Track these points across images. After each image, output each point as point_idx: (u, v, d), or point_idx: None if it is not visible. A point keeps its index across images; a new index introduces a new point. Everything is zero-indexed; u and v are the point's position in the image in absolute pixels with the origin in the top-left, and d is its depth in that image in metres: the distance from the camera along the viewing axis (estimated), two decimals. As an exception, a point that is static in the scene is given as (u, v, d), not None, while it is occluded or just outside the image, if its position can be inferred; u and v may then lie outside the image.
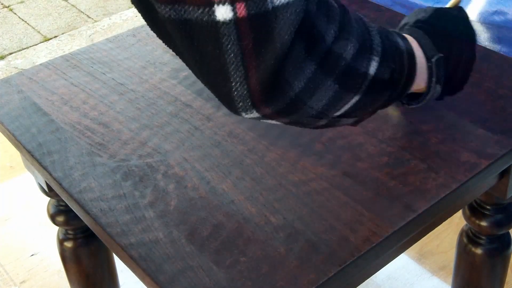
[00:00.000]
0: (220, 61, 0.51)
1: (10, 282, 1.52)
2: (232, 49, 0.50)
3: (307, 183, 0.75)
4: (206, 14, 0.49)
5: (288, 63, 0.52)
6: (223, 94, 0.54)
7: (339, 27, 0.54)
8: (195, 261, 0.67)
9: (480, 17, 1.25)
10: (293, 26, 0.50)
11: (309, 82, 0.54)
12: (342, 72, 0.55)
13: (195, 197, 0.75)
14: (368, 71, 0.58)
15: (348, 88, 0.57)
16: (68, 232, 1.06)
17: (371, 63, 0.58)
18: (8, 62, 2.50)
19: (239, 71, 0.51)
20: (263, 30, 0.50)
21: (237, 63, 0.51)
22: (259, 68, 0.51)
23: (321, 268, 0.65)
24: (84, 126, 0.87)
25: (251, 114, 0.55)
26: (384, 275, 1.46)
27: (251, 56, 0.51)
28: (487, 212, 0.95)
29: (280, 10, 0.49)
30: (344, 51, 0.54)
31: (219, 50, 0.51)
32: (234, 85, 0.53)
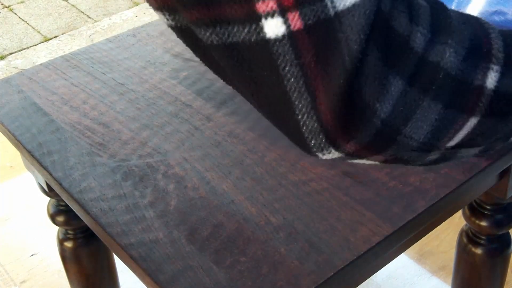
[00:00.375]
0: (279, 89, 0.41)
1: (10, 282, 1.52)
2: (292, 72, 0.40)
3: (307, 183, 0.75)
4: (254, 33, 0.40)
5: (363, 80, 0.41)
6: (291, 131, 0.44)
7: (430, 29, 0.42)
8: (195, 261, 0.67)
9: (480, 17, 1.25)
10: (363, 32, 0.40)
11: (398, 104, 0.42)
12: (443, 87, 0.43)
13: (195, 197, 0.75)
14: (485, 84, 0.44)
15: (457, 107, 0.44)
16: (68, 232, 1.06)
17: (488, 73, 0.44)
18: (8, 62, 2.50)
19: (303, 98, 0.41)
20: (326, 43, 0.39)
21: (299, 88, 0.41)
22: (328, 91, 0.41)
23: (321, 268, 0.65)
24: (84, 126, 0.87)
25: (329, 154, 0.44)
26: (384, 275, 1.46)
27: (316, 76, 0.40)
28: (487, 212, 0.95)
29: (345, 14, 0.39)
30: (442, 59, 0.42)
31: (276, 76, 0.41)
32: (301, 118, 0.42)
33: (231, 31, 0.40)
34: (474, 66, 0.44)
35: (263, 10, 0.39)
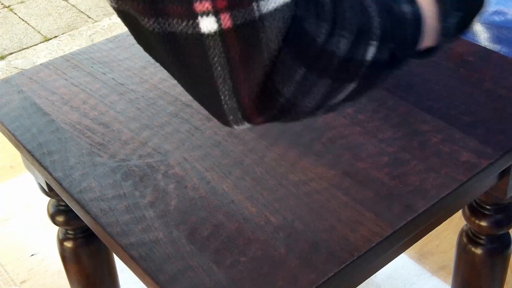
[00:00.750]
0: (207, 74, 0.50)
1: (10, 282, 1.52)
2: (219, 62, 0.49)
3: (307, 183, 0.75)
4: (191, 27, 0.47)
5: (275, 71, 0.49)
6: (213, 108, 0.53)
7: (331, 24, 0.51)
8: (195, 261, 0.67)
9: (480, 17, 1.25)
10: (280, 34, 0.48)
11: (299, 86, 0.51)
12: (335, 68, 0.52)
13: (195, 197, 0.75)
14: (364, 58, 0.54)
15: (342, 80, 0.54)
16: (68, 232, 1.06)
17: (368, 49, 0.54)
18: (8, 62, 2.50)
19: (227, 84, 0.50)
20: (250, 41, 0.48)
21: (224, 76, 0.49)
22: (248, 80, 0.49)
23: (321, 268, 0.65)
24: (84, 126, 0.87)
25: (242, 126, 0.54)
26: (384, 275, 1.46)
27: (239, 69, 0.49)
28: (487, 212, 0.95)
29: (268, 18, 0.47)
30: (337, 48, 0.51)
31: (206, 64, 0.49)
32: (223, 98, 0.51)
33: (171, 23, 0.47)
34: (359, 47, 0.52)
35: (200, 10, 0.46)
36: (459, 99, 0.87)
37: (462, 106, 0.86)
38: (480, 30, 1.27)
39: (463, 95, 0.88)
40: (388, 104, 0.87)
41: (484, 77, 0.92)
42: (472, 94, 0.88)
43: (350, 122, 0.85)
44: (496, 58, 0.97)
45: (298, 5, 0.49)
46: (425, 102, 0.87)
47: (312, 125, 0.84)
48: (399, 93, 0.88)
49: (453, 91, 0.89)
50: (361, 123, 0.84)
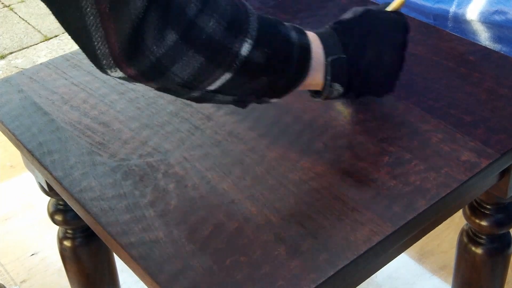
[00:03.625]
0: (82, 22, 0.57)
1: (11, 281, 1.52)
2: (91, 12, 0.56)
3: (308, 182, 0.75)
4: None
5: (145, 28, 0.57)
6: (89, 52, 0.60)
7: (202, 2, 0.59)
8: (195, 261, 0.67)
9: (481, 16, 1.25)
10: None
11: (169, 50, 0.59)
12: (206, 46, 0.60)
13: (195, 196, 0.75)
14: (239, 51, 0.62)
15: (215, 63, 0.62)
16: (68, 232, 1.06)
17: (243, 44, 0.62)
18: (9, 61, 2.50)
19: (99, 31, 0.57)
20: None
21: (96, 25, 0.57)
22: (117, 30, 0.57)
23: (321, 268, 0.65)
24: (85, 125, 0.87)
25: (115, 72, 0.61)
26: (384, 275, 1.46)
27: (109, 19, 0.56)
28: (487, 212, 0.95)
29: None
30: (206, 25, 0.59)
31: (80, 13, 0.57)
32: (97, 44, 0.58)
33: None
34: (234, 37, 0.62)
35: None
36: (460, 99, 0.87)
37: (463, 105, 0.86)
38: (481, 30, 1.27)
39: (463, 94, 0.88)
40: (389, 103, 0.87)
41: (485, 76, 0.91)
42: (472, 94, 0.88)
43: (350, 121, 0.84)
44: (497, 57, 0.96)
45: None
46: (426, 101, 0.87)
47: (312, 124, 0.84)
48: (399, 92, 0.87)
49: (454, 90, 0.89)
50: (361, 122, 0.84)
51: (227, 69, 0.63)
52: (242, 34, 0.63)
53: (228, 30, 0.61)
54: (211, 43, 0.60)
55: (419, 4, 1.33)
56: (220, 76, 0.63)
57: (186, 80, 0.62)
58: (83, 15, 0.57)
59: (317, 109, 0.86)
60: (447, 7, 1.29)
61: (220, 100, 0.69)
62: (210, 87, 0.65)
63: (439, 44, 0.99)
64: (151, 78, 0.62)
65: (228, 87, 0.65)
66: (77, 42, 0.62)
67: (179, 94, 0.66)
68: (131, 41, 0.58)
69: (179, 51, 0.59)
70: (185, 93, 0.65)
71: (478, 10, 1.26)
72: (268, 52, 0.65)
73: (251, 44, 0.63)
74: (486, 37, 1.27)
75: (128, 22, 0.56)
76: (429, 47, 0.98)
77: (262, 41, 0.64)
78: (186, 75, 0.61)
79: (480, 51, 0.98)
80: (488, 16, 1.25)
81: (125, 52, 0.58)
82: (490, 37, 1.27)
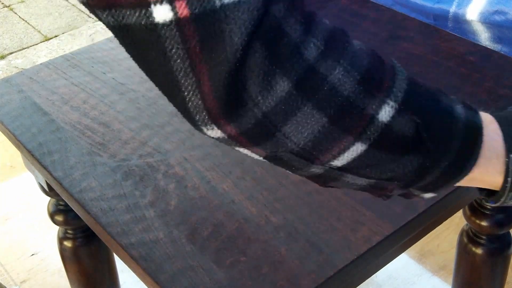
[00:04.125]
0: (167, 68, 0.46)
1: (11, 281, 1.52)
2: (178, 54, 0.44)
3: (308, 182, 0.75)
4: (144, 17, 0.43)
5: (246, 72, 0.44)
6: (179, 105, 0.48)
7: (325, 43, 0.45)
8: (195, 261, 0.67)
9: (481, 16, 1.25)
10: (245, 27, 0.43)
11: (280, 102, 0.45)
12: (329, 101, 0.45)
13: (195, 196, 0.75)
14: (377, 115, 0.46)
15: (341, 126, 0.46)
16: (68, 232, 1.06)
17: (383, 106, 0.46)
18: (9, 61, 2.50)
19: (189, 78, 0.45)
20: (211, 31, 0.43)
21: (185, 69, 0.45)
22: (211, 73, 0.44)
23: (322, 268, 0.65)
24: (85, 125, 0.87)
25: (213, 131, 0.48)
26: (384, 275, 1.46)
27: (200, 60, 0.44)
28: (487, 212, 0.95)
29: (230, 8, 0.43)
30: (330, 73, 0.45)
31: (164, 57, 0.45)
32: (187, 94, 0.46)
33: (125, 14, 0.44)
34: (370, 94, 0.46)
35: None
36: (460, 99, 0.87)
37: (463, 105, 0.86)
38: (481, 30, 1.27)
39: (463, 94, 0.88)
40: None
41: (485, 76, 0.91)
42: (472, 94, 0.88)
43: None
44: (497, 57, 0.96)
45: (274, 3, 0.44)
46: (426, 101, 0.87)
47: (313, 124, 0.84)
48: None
49: (454, 90, 0.89)
50: (361, 122, 0.84)
51: (358, 137, 0.47)
52: (383, 92, 0.46)
53: (363, 84, 0.46)
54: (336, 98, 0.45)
55: (419, 4, 1.33)
56: (350, 147, 0.47)
57: (302, 147, 0.47)
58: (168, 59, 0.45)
59: (317, 109, 0.86)
60: (447, 7, 1.29)
61: (351, 183, 0.52)
62: (336, 161, 0.48)
63: (439, 44, 0.99)
64: (257, 141, 0.48)
65: (361, 165, 0.49)
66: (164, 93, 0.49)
67: (296, 168, 0.51)
68: (229, 89, 0.44)
69: (293, 105, 0.45)
70: (303, 166, 0.50)
71: (478, 10, 1.26)
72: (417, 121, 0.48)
73: (394, 108, 0.47)
74: (486, 37, 1.27)
75: (224, 64, 0.44)
76: (429, 47, 0.98)
77: (410, 106, 0.48)
78: (302, 139, 0.47)
79: (480, 51, 0.98)
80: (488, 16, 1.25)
81: (222, 103, 0.45)
82: (490, 37, 1.27)
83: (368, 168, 0.50)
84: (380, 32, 1.01)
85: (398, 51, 0.96)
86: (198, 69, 0.44)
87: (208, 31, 0.43)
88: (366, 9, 1.09)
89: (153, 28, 0.44)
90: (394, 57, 0.79)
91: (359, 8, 1.09)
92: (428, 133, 0.49)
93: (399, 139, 0.48)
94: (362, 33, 1.00)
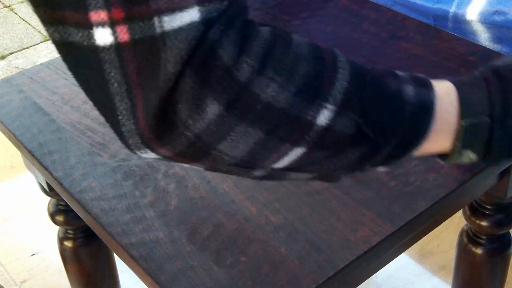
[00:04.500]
0: (105, 91, 0.45)
1: (11, 281, 1.52)
2: (116, 78, 0.44)
3: (308, 182, 0.75)
4: (86, 38, 0.43)
5: (177, 97, 0.44)
6: (114, 128, 0.48)
7: (260, 61, 0.44)
8: (195, 261, 0.67)
9: (481, 17, 1.25)
10: (180, 56, 0.43)
11: (212, 124, 0.45)
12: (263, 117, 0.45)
13: (195, 196, 0.75)
14: (315, 120, 0.46)
15: (280, 137, 0.46)
16: (69, 232, 1.06)
17: (321, 111, 0.46)
18: (9, 61, 2.50)
19: (124, 102, 0.45)
20: (148, 58, 0.43)
21: (121, 94, 0.45)
22: (146, 101, 0.44)
23: (321, 268, 0.65)
24: (85, 125, 0.87)
25: (146, 153, 0.48)
26: (384, 275, 1.46)
27: (137, 86, 0.44)
28: (487, 212, 0.95)
29: (170, 36, 0.42)
30: (263, 92, 0.44)
31: (102, 79, 0.45)
32: (121, 118, 0.46)
33: (70, 32, 0.44)
34: (307, 102, 0.46)
35: (95, 20, 0.42)
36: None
37: (463, 106, 0.86)
38: (481, 30, 1.27)
39: (463, 95, 0.88)
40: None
41: (485, 77, 0.91)
42: (472, 94, 0.88)
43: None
44: (497, 57, 0.96)
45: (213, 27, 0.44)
46: (426, 102, 0.87)
47: (313, 125, 0.84)
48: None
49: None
50: (361, 123, 0.84)
51: (297, 143, 0.47)
52: (321, 98, 0.46)
53: (299, 95, 0.45)
54: (270, 114, 0.45)
55: (419, 4, 1.33)
56: (289, 152, 0.48)
57: (240, 159, 0.48)
58: (106, 82, 0.44)
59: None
60: (447, 7, 1.29)
61: (298, 178, 0.53)
62: (277, 164, 0.49)
63: (439, 45, 0.99)
64: (194, 159, 0.48)
65: (303, 164, 0.50)
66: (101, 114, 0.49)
67: (239, 175, 0.52)
68: (160, 115, 0.45)
69: (225, 126, 0.45)
70: (245, 173, 0.51)
71: (478, 11, 1.26)
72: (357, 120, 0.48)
73: (332, 111, 0.46)
74: (486, 37, 1.28)
75: (156, 90, 0.43)
76: (429, 47, 0.98)
77: (351, 104, 0.47)
78: (239, 154, 0.47)
79: (480, 52, 0.98)
80: (488, 17, 1.25)
81: (155, 128, 0.45)
82: (490, 37, 1.27)
83: (310, 165, 0.50)
84: (380, 32, 1.01)
85: (398, 51, 0.96)
86: (133, 94, 0.44)
87: (145, 57, 0.43)
88: (366, 9, 1.09)
89: (94, 50, 0.43)
90: (394, 58, 0.78)
91: (359, 9, 1.09)
92: (371, 127, 0.49)
93: (340, 138, 0.48)
94: (362, 33, 1.00)
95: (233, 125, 0.45)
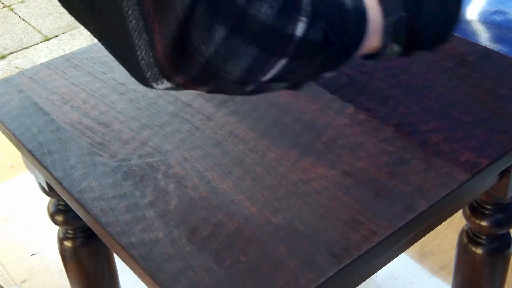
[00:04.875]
0: (123, 29, 0.50)
1: (11, 281, 1.52)
2: (134, 15, 0.49)
3: (308, 182, 0.75)
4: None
5: (192, 27, 0.49)
6: (131, 65, 0.53)
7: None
8: (195, 261, 0.67)
9: (481, 16, 1.25)
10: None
11: (220, 47, 0.51)
12: (259, 35, 0.52)
13: (195, 196, 0.75)
14: (294, 33, 0.53)
15: (270, 51, 0.54)
16: (68, 232, 1.06)
17: (297, 24, 0.53)
18: (9, 61, 2.50)
19: (142, 38, 0.50)
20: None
21: (139, 30, 0.49)
22: (163, 33, 0.49)
23: (321, 268, 0.65)
24: (85, 125, 0.87)
25: (162, 84, 0.54)
26: (384, 275, 1.46)
27: (154, 21, 0.49)
28: (487, 212, 0.95)
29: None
30: (259, 12, 0.51)
31: (120, 18, 0.49)
32: (140, 53, 0.51)
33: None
34: (287, 18, 0.52)
35: None
36: (460, 99, 0.87)
37: (463, 105, 0.86)
38: (481, 30, 1.27)
39: (463, 94, 0.88)
40: (388, 103, 0.87)
41: (485, 76, 0.92)
42: (472, 94, 0.88)
43: (350, 121, 0.85)
44: (497, 57, 0.97)
45: None
46: (426, 101, 0.87)
47: (313, 124, 0.84)
48: (399, 93, 0.88)
49: (454, 90, 0.89)
50: (361, 122, 0.84)
51: (282, 55, 0.54)
52: (296, 12, 0.53)
53: (282, 12, 0.52)
54: (264, 31, 0.52)
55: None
56: (275, 64, 0.55)
57: (240, 77, 0.54)
58: (124, 20, 0.49)
59: (317, 109, 0.86)
60: (447, 7, 1.29)
61: (275, 88, 0.61)
62: (265, 77, 0.56)
63: (439, 44, 0.99)
64: (203, 83, 0.55)
65: (283, 74, 0.57)
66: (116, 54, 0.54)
67: (233, 93, 0.59)
68: (178, 44, 0.50)
69: (231, 47, 0.51)
70: (239, 90, 0.58)
71: (478, 10, 1.26)
72: (324, 27, 0.56)
73: (306, 23, 0.54)
74: (486, 37, 1.28)
75: (174, 22, 0.48)
76: (429, 47, 0.98)
77: (318, 16, 0.55)
78: (239, 71, 0.54)
79: (480, 51, 0.98)
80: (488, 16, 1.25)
81: (172, 58, 0.51)
82: (490, 37, 1.27)
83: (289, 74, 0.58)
84: (380, 32, 1.01)
85: (398, 51, 0.96)
86: (151, 28, 0.49)
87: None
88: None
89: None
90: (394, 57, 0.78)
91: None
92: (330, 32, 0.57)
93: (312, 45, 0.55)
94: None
95: (237, 45, 0.51)
